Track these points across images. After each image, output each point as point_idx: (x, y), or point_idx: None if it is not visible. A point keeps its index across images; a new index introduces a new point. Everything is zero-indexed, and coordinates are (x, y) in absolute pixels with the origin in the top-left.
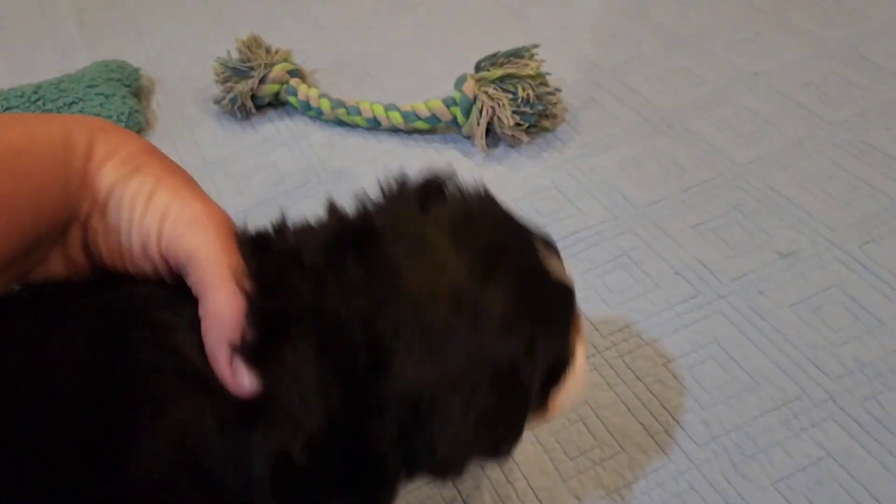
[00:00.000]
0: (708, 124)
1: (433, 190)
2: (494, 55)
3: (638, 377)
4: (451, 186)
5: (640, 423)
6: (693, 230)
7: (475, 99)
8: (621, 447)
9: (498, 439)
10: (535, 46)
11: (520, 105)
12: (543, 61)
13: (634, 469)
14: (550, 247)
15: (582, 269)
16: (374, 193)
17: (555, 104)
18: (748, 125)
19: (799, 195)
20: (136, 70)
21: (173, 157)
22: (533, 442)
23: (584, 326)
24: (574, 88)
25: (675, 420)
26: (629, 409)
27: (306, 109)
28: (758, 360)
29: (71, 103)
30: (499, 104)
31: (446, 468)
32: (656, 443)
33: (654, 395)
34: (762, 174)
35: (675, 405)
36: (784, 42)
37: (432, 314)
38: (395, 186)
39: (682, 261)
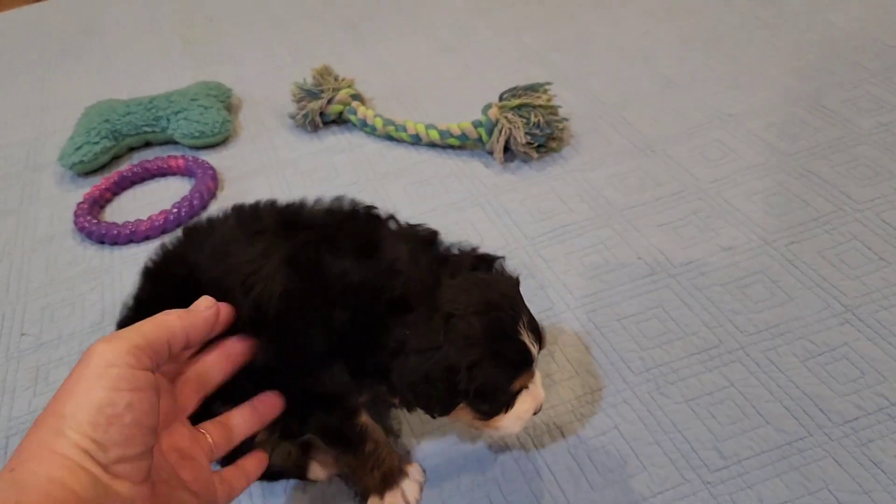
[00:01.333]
0: (684, 151)
1: (486, 260)
2: (515, 88)
3: (596, 326)
4: (497, 265)
5: (593, 357)
6: (658, 228)
7: (497, 122)
8: (576, 372)
9: (428, 400)
10: (549, 83)
11: (531, 128)
12: (554, 95)
13: (585, 388)
14: (536, 332)
15: (567, 251)
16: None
17: (562, 130)
18: (716, 153)
19: (744, 205)
20: (229, 90)
21: (253, 158)
22: None
23: (538, 393)
24: (581, 119)
25: (619, 357)
26: (586, 347)
27: (363, 126)
28: (690, 319)
29: (177, 111)
30: (514, 126)
31: (400, 389)
32: (603, 371)
33: (606, 339)
34: (719, 189)
35: (621, 347)
36: (759, 90)
37: (434, 319)
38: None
39: (646, 249)
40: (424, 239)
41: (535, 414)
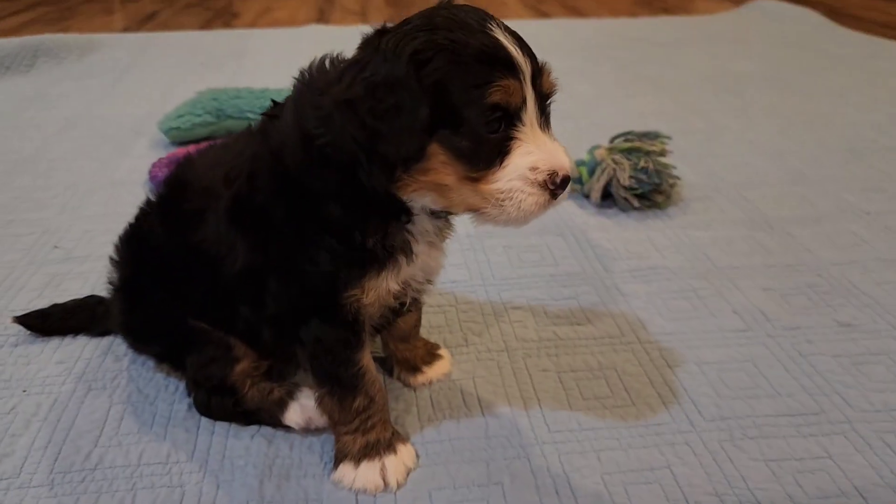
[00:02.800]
0: (807, 233)
1: None
2: (629, 132)
3: (668, 364)
4: None
5: (657, 391)
6: (763, 291)
7: (601, 162)
8: (633, 402)
9: (389, 131)
10: (667, 137)
11: (637, 172)
12: (671, 151)
13: (640, 419)
14: (523, 45)
15: (650, 290)
16: None
17: (672, 186)
18: (845, 240)
19: (872, 290)
20: None
21: None
22: (556, 381)
23: (550, 148)
24: (694, 188)
25: (689, 399)
26: (650, 380)
27: None
28: (786, 381)
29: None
30: (620, 167)
31: (351, 135)
32: (666, 408)
33: (677, 378)
34: (843, 271)
35: (694, 391)
36: None
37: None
38: None
39: (744, 306)
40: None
41: (557, 190)
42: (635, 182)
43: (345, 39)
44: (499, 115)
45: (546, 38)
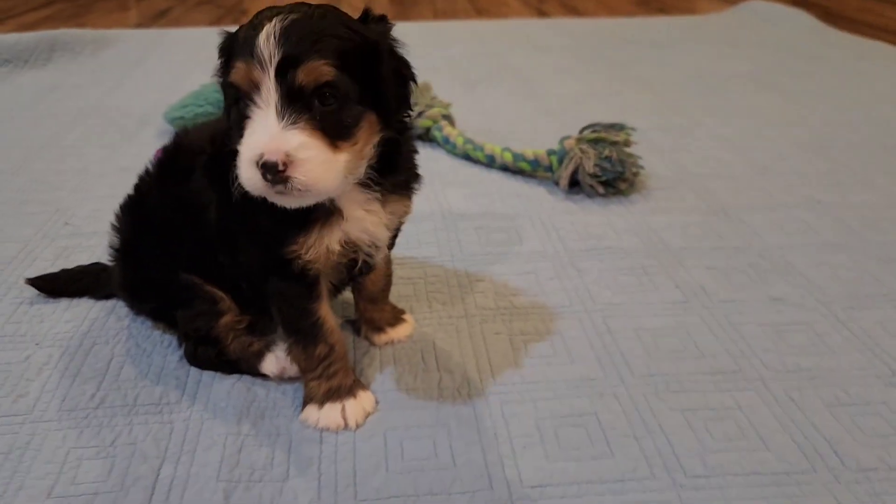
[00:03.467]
0: (759, 219)
1: None
2: (596, 124)
3: (609, 330)
4: None
5: (595, 353)
6: (706, 269)
7: (570, 151)
8: (572, 360)
9: None
10: (632, 128)
11: (602, 161)
12: (635, 143)
13: (575, 375)
14: (285, 39)
15: (603, 267)
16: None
17: (635, 174)
18: (793, 226)
19: (809, 271)
20: None
21: None
22: (507, 343)
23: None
24: (660, 178)
25: (623, 359)
26: (590, 344)
27: (445, 143)
28: (713, 345)
29: None
30: (586, 156)
31: None
32: (601, 366)
33: (616, 343)
34: (784, 253)
35: (629, 353)
36: (859, 191)
37: None
38: None
39: (685, 282)
40: None
41: (264, 172)
42: (599, 170)
43: None
44: (238, 94)
45: (543, 37)
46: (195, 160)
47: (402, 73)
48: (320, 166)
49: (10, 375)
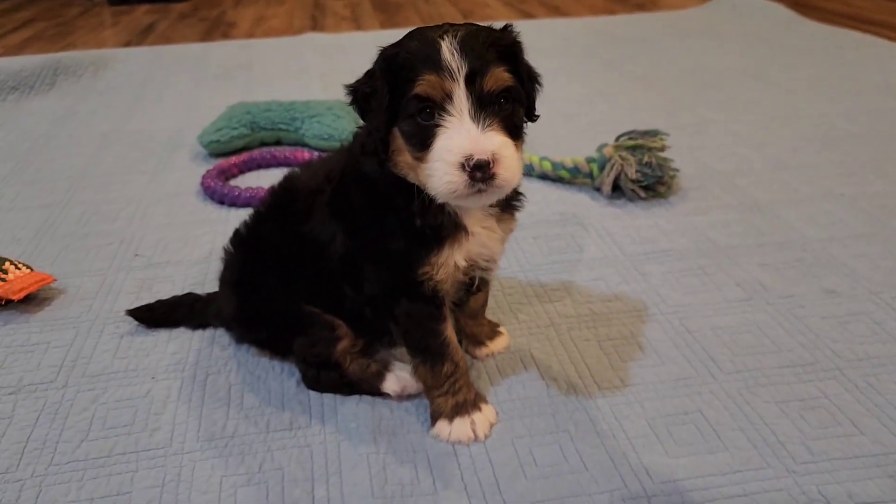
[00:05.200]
0: (792, 213)
1: None
2: (632, 132)
3: (688, 330)
4: None
5: (681, 353)
6: (759, 266)
7: (610, 158)
8: (662, 362)
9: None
10: (666, 134)
11: (643, 167)
12: (670, 146)
13: (670, 375)
14: (469, 50)
15: (664, 270)
16: None
17: (672, 177)
18: (824, 219)
19: (850, 261)
20: None
21: None
22: (597, 348)
23: (468, 131)
24: (690, 178)
25: (709, 356)
26: (674, 345)
27: None
28: (785, 339)
29: (313, 115)
30: (627, 163)
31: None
32: (691, 365)
33: (697, 341)
34: (825, 246)
35: (713, 350)
36: (873, 181)
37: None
38: None
39: (744, 279)
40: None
41: (475, 173)
42: (641, 175)
43: (342, 46)
44: (427, 105)
45: (532, 39)
46: (315, 200)
47: (532, 76)
48: (516, 163)
49: (137, 410)
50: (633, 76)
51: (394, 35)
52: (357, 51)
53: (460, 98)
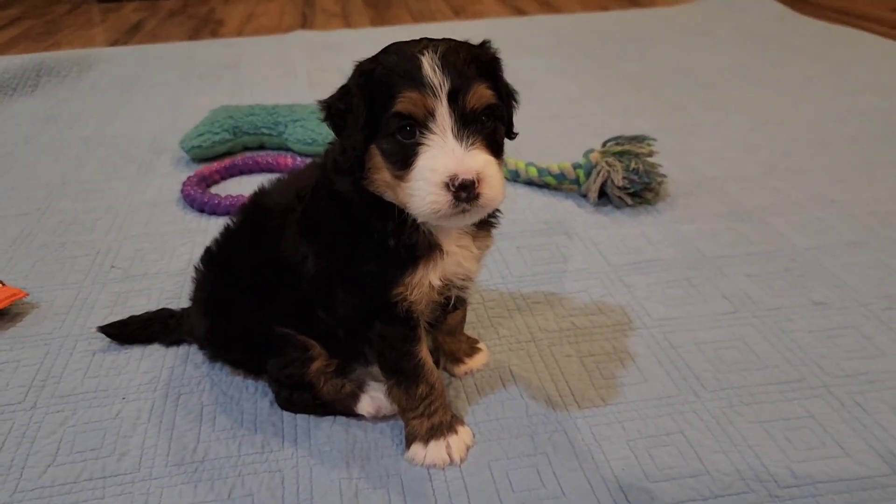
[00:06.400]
0: (781, 221)
1: None
2: (619, 137)
3: (672, 345)
4: None
5: (665, 370)
6: (746, 277)
7: (596, 164)
8: (645, 379)
9: (336, 126)
10: (653, 139)
11: (630, 173)
12: (657, 152)
13: (652, 394)
14: (450, 66)
15: (649, 281)
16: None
17: (660, 184)
18: (815, 227)
19: (840, 272)
20: None
21: None
22: (579, 365)
23: (451, 151)
24: (678, 184)
25: (693, 374)
26: (658, 361)
27: None
28: (771, 354)
29: (296, 119)
30: (613, 169)
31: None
32: (674, 383)
33: (681, 357)
34: (815, 255)
35: (696, 367)
36: (865, 186)
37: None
38: None
39: (731, 290)
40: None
41: (460, 192)
42: (628, 182)
43: (331, 45)
44: (409, 123)
45: (525, 36)
46: (285, 219)
47: (510, 93)
48: (499, 181)
49: (106, 433)
50: (624, 75)
51: (384, 32)
52: (346, 49)
53: (443, 116)
